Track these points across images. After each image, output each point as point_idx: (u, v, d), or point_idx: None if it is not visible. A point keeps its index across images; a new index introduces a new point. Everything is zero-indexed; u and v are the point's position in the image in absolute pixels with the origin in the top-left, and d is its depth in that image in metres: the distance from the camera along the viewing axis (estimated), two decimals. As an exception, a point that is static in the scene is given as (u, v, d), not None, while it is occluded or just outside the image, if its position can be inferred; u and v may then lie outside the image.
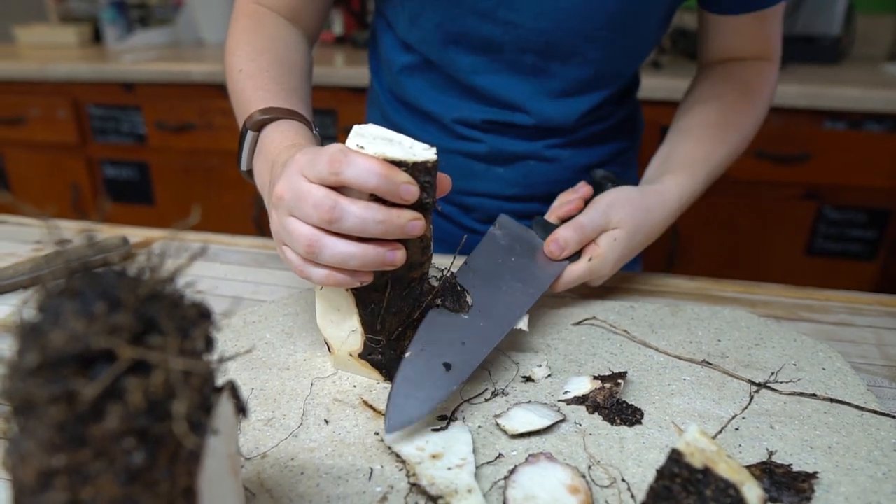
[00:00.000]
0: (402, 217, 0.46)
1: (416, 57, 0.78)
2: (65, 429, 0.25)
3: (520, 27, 0.70)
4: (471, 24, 0.71)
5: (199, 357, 0.28)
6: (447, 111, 0.79)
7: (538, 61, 0.73)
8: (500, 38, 0.72)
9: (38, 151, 2.07)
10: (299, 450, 0.46)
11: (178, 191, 2.02)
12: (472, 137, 0.79)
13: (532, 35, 0.71)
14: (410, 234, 0.46)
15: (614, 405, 0.51)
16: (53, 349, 0.25)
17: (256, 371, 0.56)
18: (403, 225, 0.46)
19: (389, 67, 0.82)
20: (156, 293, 0.28)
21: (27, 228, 0.88)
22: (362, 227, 0.45)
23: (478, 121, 0.78)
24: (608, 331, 0.62)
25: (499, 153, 0.80)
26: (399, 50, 0.80)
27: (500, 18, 0.70)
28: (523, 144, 0.79)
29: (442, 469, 0.43)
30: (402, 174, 0.45)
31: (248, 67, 0.67)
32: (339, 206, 0.45)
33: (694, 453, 0.37)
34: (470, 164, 0.81)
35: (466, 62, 0.75)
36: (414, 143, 0.47)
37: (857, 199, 1.59)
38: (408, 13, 0.74)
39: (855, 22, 1.83)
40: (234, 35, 0.73)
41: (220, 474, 0.31)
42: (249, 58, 0.69)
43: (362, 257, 0.46)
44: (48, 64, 1.94)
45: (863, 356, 0.60)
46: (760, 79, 0.78)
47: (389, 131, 0.48)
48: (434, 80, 0.78)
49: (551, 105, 0.76)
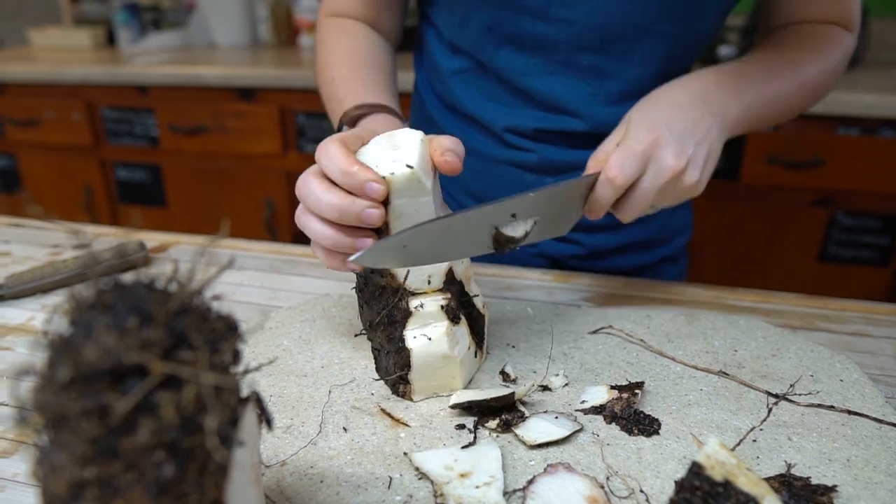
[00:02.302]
0: (357, 204, 0.48)
1: (467, 61, 0.77)
2: (96, 442, 0.26)
3: (574, 24, 0.68)
4: (523, 25, 0.70)
5: (228, 370, 0.29)
6: (498, 119, 0.77)
7: (595, 60, 0.71)
8: (555, 37, 0.70)
9: (51, 153, 2.09)
10: (318, 458, 0.47)
11: (190, 193, 2.03)
12: (522, 147, 0.77)
13: (587, 31, 0.69)
14: (367, 222, 0.48)
15: (632, 415, 0.51)
16: (86, 363, 0.25)
17: (275, 378, 0.56)
18: (358, 212, 0.48)
19: (438, 73, 0.80)
20: (185, 307, 0.28)
21: (45, 232, 0.89)
22: (316, 208, 0.49)
23: (529, 129, 0.76)
24: (624, 339, 0.62)
25: (549, 163, 0.77)
26: (448, 54, 0.79)
27: (554, 16, 0.68)
28: (574, 154, 0.76)
29: (470, 488, 0.43)
30: (366, 173, 0.47)
31: (339, 73, 0.71)
32: (307, 185, 0.49)
33: (714, 466, 0.37)
34: (520, 174, 0.79)
35: (519, 64, 0.73)
36: (406, 158, 0.49)
37: (871, 206, 1.58)
38: (457, 17, 0.73)
39: (869, 26, 1.82)
40: (322, 50, 0.76)
41: (244, 485, 0.31)
42: (339, 64, 0.72)
43: (332, 238, 0.49)
44: (62, 66, 1.95)
45: (880, 367, 0.60)
46: (829, 38, 0.72)
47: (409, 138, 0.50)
48: (485, 86, 0.77)
49: (607, 110, 0.73)
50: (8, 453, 0.48)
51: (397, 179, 0.48)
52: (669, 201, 0.61)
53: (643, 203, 0.58)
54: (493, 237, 0.54)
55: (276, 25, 2.27)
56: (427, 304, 0.52)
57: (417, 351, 0.52)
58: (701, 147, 0.59)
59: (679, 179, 0.58)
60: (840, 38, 0.73)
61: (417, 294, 0.53)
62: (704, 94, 0.62)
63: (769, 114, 0.68)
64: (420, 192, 0.49)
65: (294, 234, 1.99)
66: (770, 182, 1.59)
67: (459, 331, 0.53)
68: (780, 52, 0.70)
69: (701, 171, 0.59)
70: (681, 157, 0.57)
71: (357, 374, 0.57)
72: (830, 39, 0.72)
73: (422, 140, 0.51)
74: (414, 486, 0.44)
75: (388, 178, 0.48)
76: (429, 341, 0.52)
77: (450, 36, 0.77)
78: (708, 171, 0.60)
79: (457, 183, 0.84)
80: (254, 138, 1.88)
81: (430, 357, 0.52)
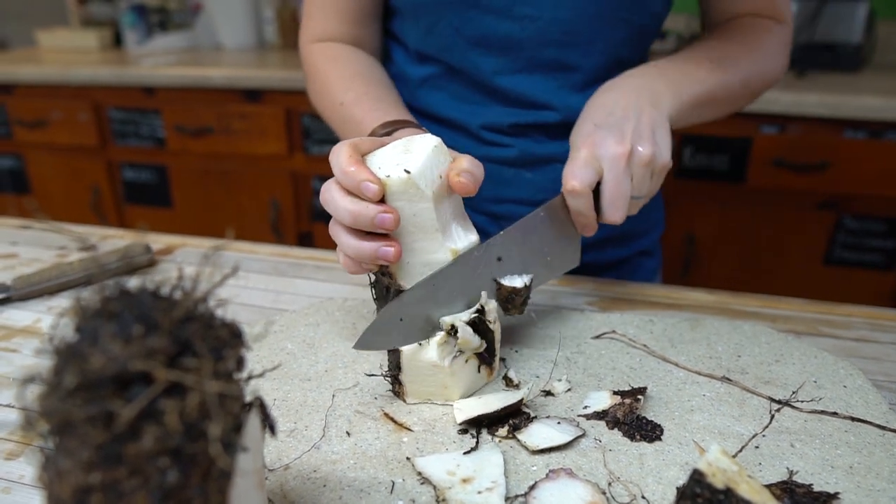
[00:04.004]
0: (370, 209, 0.49)
1: (436, 67, 0.78)
2: (101, 448, 0.26)
3: (538, 20, 0.71)
4: (489, 24, 0.72)
5: (232, 378, 0.29)
6: (473, 118, 0.79)
7: (559, 54, 0.73)
8: (520, 35, 0.72)
9: (58, 154, 2.10)
10: (322, 462, 0.47)
11: (195, 194, 2.04)
12: (500, 143, 0.79)
13: (551, 27, 0.71)
14: (381, 226, 0.49)
15: (634, 421, 0.51)
16: (92, 371, 0.26)
17: (278, 382, 0.56)
18: (372, 216, 0.49)
19: (406, 83, 0.82)
20: (190, 314, 0.28)
21: (52, 234, 0.89)
22: (336, 213, 0.51)
23: (505, 125, 0.78)
24: (627, 344, 0.63)
25: (528, 156, 0.79)
26: (414, 63, 0.80)
27: (518, 14, 0.70)
28: (551, 146, 0.78)
29: (472, 493, 0.43)
30: (363, 172, 0.49)
31: (346, 98, 0.72)
32: (328, 191, 0.51)
33: (716, 473, 0.37)
34: (499, 170, 0.80)
35: (489, 64, 0.75)
36: (410, 163, 0.49)
37: (877, 209, 1.57)
38: (423, 24, 0.75)
39: (876, 29, 1.82)
40: (318, 77, 0.77)
41: (248, 490, 0.31)
42: (344, 89, 0.73)
43: (354, 247, 0.51)
44: (69, 67, 1.96)
45: (884, 373, 0.60)
46: (763, 31, 0.76)
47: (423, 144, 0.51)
48: (456, 89, 0.79)
49: (576, 98, 0.75)
50: (14, 455, 0.49)
51: (393, 182, 0.49)
52: (646, 184, 0.61)
53: (618, 198, 0.59)
54: (497, 294, 0.57)
55: (282, 27, 2.28)
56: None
57: (407, 353, 0.52)
58: (640, 125, 0.59)
59: (633, 159, 0.59)
60: (772, 29, 0.77)
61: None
62: (627, 86, 0.63)
63: (699, 103, 0.68)
64: (418, 198, 0.49)
65: (299, 235, 2.00)
66: (776, 185, 1.59)
67: (456, 345, 0.53)
68: (712, 46, 0.74)
69: (651, 143, 0.59)
70: (622, 141, 0.58)
71: (360, 378, 0.57)
72: (765, 34, 0.76)
73: (435, 147, 0.50)
74: (416, 490, 0.44)
75: (384, 180, 0.49)
76: (419, 347, 0.52)
77: (416, 45, 0.78)
78: (663, 143, 0.60)
79: None
80: (260, 139, 1.89)
81: (418, 362, 0.52)
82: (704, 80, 0.68)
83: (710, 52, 0.72)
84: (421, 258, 0.52)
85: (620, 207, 0.59)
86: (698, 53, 0.72)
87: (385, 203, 0.50)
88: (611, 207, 0.59)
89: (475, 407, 0.51)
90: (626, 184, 0.59)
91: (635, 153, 0.58)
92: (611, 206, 0.59)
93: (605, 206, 0.59)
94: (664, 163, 0.60)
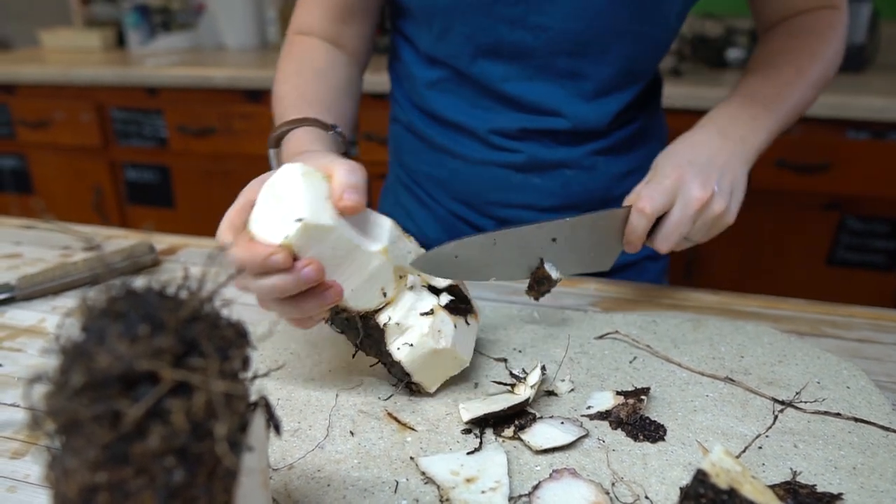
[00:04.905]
0: (291, 277, 0.46)
1: (445, 71, 0.78)
2: (108, 447, 0.26)
3: (550, 30, 0.71)
4: (502, 33, 0.72)
5: (237, 377, 0.29)
6: (481, 123, 0.79)
7: (570, 63, 0.74)
8: (532, 44, 0.72)
9: (61, 154, 2.11)
10: (325, 461, 0.47)
11: (198, 194, 2.04)
12: (508, 148, 0.79)
13: (563, 37, 0.71)
14: (310, 282, 0.46)
15: (637, 421, 0.51)
16: (99, 370, 0.26)
17: (282, 381, 0.57)
18: (298, 281, 0.46)
19: (414, 84, 0.82)
20: (196, 314, 0.28)
21: (56, 234, 0.90)
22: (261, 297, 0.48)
23: (514, 130, 0.78)
24: (631, 345, 0.63)
25: (536, 162, 0.79)
26: (423, 65, 0.80)
27: (531, 23, 0.71)
28: (560, 151, 0.79)
29: (476, 493, 0.43)
30: (259, 250, 0.45)
31: (281, 90, 0.73)
32: (244, 285, 0.48)
33: (719, 474, 0.37)
34: (507, 174, 0.81)
35: (498, 71, 0.75)
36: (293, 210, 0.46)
37: (880, 210, 1.57)
38: (435, 29, 0.75)
39: (879, 29, 1.81)
40: (279, 68, 0.77)
41: (253, 489, 0.32)
42: (283, 82, 0.74)
43: (300, 310, 0.49)
44: (72, 68, 1.96)
45: (887, 374, 0.60)
46: (827, 28, 0.76)
47: (288, 184, 0.47)
48: (465, 94, 0.78)
49: (586, 107, 0.76)
50: (19, 454, 0.49)
51: (295, 238, 0.45)
52: (703, 233, 0.65)
53: (675, 234, 0.63)
54: (532, 275, 0.62)
55: (284, 27, 2.28)
56: (394, 315, 0.53)
57: (407, 359, 0.53)
58: (725, 177, 0.64)
59: (707, 209, 0.63)
60: (832, 22, 0.77)
61: (382, 309, 0.53)
62: (721, 131, 0.68)
63: (784, 126, 0.72)
64: (325, 234, 0.47)
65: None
66: (779, 186, 1.59)
67: (438, 319, 0.53)
68: (781, 61, 0.74)
69: (728, 199, 0.64)
70: (706, 188, 0.62)
71: (364, 378, 0.57)
72: (825, 27, 0.76)
73: (302, 175, 0.47)
74: (420, 490, 0.44)
75: (284, 242, 0.45)
76: (412, 347, 0.52)
77: (426, 48, 0.78)
78: (736, 200, 0.65)
79: (444, 188, 0.85)
80: (262, 140, 1.88)
81: (421, 359, 0.53)
82: (789, 107, 0.71)
83: (789, 77, 0.73)
84: (361, 277, 0.50)
85: (672, 242, 0.63)
86: (778, 80, 0.72)
87: (298, 259, 0.46)
88: (664, 240, 0.63)
89: (481, 406, 0.51)
90: (687, 226, 0.63)
91: (710, 204, 0.63)
92: (664, 239, 0.63)
93: (660, 236, 0.63)
94: (728, 222, 0.65)
